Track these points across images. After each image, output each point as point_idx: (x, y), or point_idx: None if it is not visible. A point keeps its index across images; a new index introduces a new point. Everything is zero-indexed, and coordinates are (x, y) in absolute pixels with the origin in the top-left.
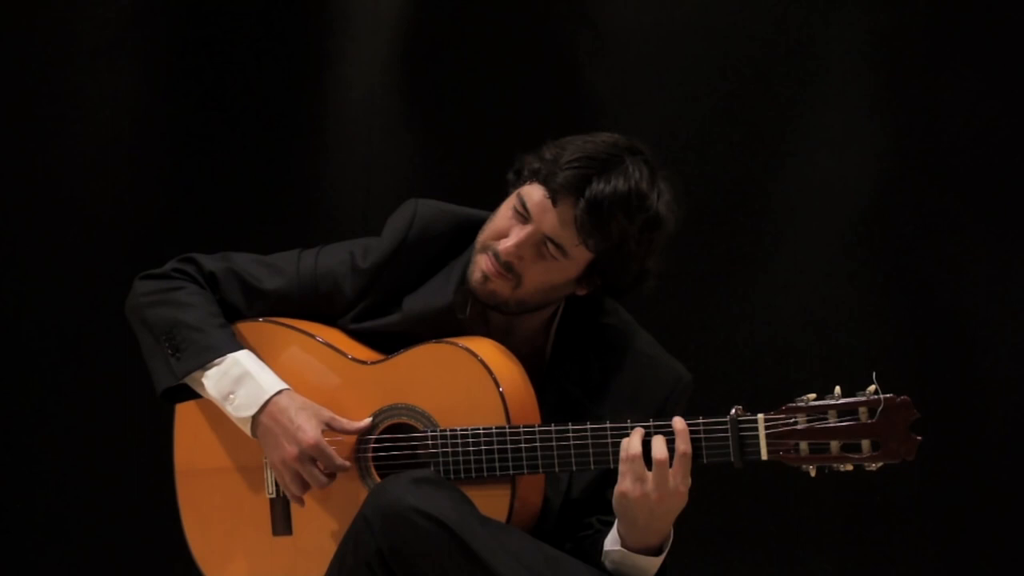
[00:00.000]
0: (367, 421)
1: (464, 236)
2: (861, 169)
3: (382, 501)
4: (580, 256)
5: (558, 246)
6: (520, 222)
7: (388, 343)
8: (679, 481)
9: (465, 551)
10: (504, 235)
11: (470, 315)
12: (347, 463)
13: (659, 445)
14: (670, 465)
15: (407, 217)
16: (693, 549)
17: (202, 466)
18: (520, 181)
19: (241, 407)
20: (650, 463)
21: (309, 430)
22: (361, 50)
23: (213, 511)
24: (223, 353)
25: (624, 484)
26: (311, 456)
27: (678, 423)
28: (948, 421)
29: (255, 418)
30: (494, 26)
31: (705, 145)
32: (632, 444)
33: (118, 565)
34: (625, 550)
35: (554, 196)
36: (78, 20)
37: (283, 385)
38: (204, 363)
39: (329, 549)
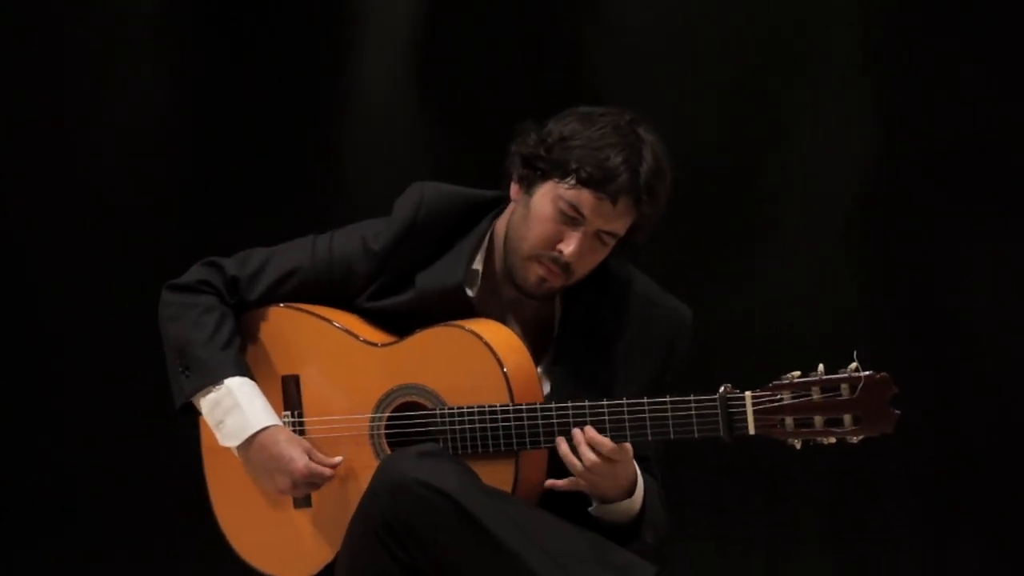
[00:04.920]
0: (338, 459)
1: (470, 216)
2: (854, 159)
3: (388, 474)
4: (625, 230)
5: (613, 235)
6: (571, 225)
7: (401, 322)
8: (611, 464)
9: (467, 519)
10: (555, 239)
11: (481, 293)
12: (332, 475)
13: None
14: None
15: (415, 200)
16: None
17: None
18: (537, 177)
19: (228, 436)
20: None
21: (298, 458)
22: (379, 46)
23: (238, 486)
24: (220, 379)
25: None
26: (305, 483)
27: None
28: (938, 405)
29: (241, 449)
30: (508, 22)
31: (703, 135)
32: (561, 449)
33: (152, 534)
34: (602, 505)
35: (614, 198)
36: (102, 18)
37: (270, 420)
38: (202, 387)
39: (346, 520)
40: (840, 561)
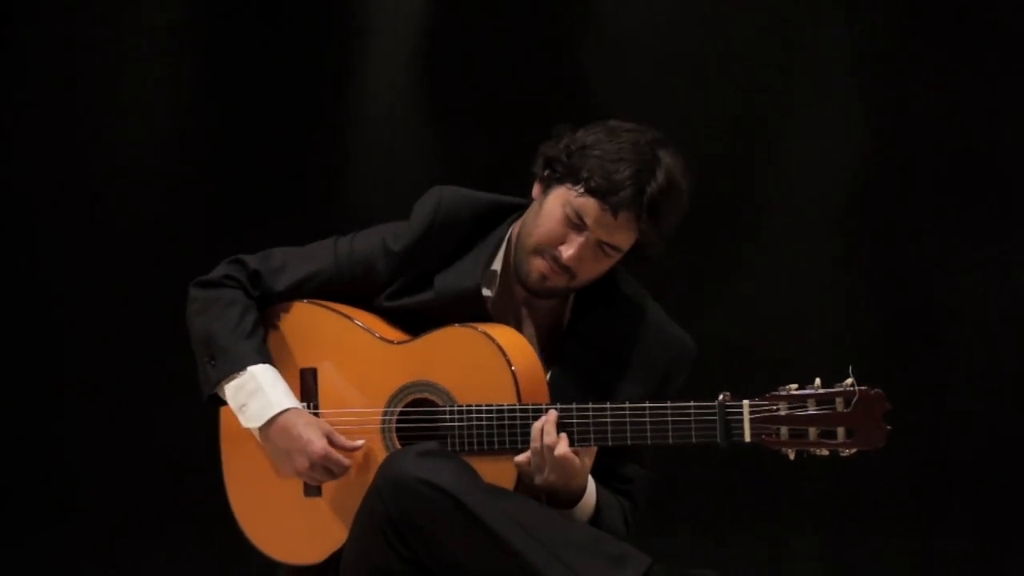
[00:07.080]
0: (360, 442)
1: (489, 218)
2: (844, 164)
3: (391, 472)
4: (629, 244)
5: (616, 248)
6: (575, 231)
7: (418, 321)
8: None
9: (466, 515)
10: (558, 240)
11: (498, 293)
12: (349, 464)
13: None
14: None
15: (434, 203)
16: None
17: (243, 432)
18: (554, 179)
19: (250, 418)
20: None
21: (316, 441)
22: (385, 57)
23: (252, 474)
24: (243, 367)
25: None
26: (322, 465)
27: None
28: (929, 404)
29: (263, 430)
30: (512, 33)
31: (698, 138)
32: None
33: (152, 530)
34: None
35: (615, 211)
36: (117, 30)
37: (291, 403)
38: (228, 374)
39: (354, 509)
40: (837, 555)
